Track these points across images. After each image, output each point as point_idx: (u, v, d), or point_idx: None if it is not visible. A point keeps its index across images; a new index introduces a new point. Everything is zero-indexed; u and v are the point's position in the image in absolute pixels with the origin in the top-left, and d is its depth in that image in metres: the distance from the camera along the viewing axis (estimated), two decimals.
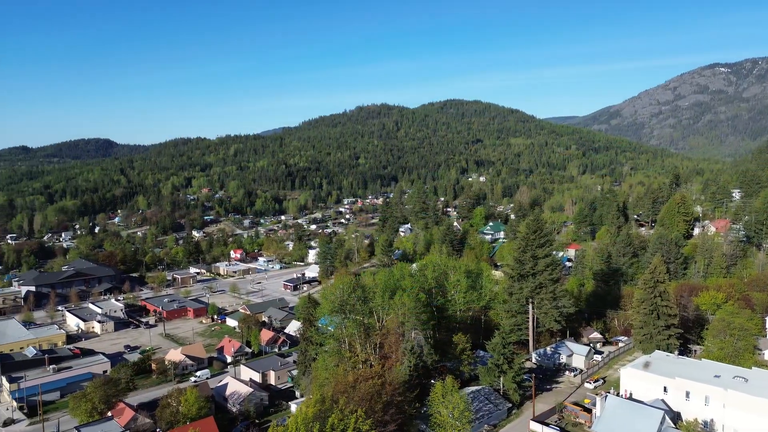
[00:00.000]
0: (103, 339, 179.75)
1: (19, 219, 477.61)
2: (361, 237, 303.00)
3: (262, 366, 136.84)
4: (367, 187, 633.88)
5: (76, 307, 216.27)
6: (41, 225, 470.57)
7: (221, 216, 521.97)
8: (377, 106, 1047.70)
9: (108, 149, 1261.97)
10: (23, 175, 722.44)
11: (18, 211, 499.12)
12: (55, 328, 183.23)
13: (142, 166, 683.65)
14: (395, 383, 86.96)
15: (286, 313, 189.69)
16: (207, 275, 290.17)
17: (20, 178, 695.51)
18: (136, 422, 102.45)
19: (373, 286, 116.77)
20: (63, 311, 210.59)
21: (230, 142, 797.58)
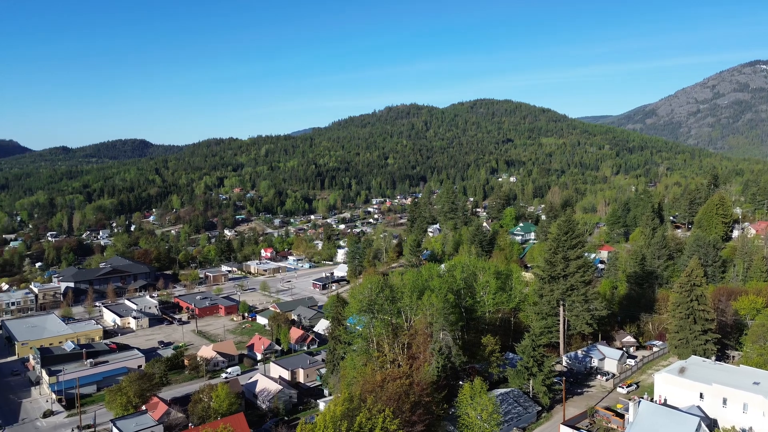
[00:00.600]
0: (138, 335, 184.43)
1: (59, 217, 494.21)
2: (390, 237, 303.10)
3: (291, 364, 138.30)
4: (396, 187, 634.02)
5: (112, 303, 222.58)
6: (80, 223, 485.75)
7: (252, 215, 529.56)
8: (406, 106, 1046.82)
9: (144, 149, 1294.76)
10: (63, 174, 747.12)
11: (58, 210, 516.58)
12: (93, 324, 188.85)
13: (176, 166, 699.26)
14: (423, 383, 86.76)
15: (315, 312, 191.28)
16: (238, 273, 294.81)
17: (60, 177, 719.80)
18: (169, 416, 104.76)
19: (401, 286, 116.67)
20: (100, 307, 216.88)
21: (261, 142, 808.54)
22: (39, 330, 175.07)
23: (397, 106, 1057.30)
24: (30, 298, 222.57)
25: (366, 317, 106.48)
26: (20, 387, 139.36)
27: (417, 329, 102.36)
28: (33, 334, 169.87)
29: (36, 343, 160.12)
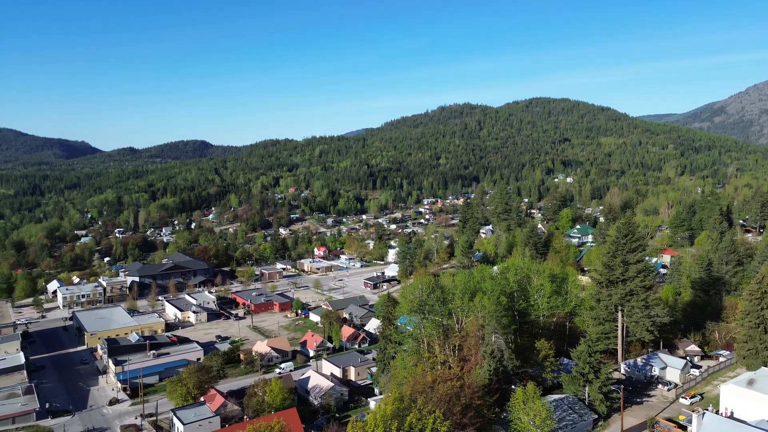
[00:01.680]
0: (197, 328, 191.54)
1: (125, 215, 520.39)
2: (441, 237, 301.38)
3: (342, 361, 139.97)
4: (448, 187, 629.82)
5: (173, 297, 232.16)
6: (145, 220, 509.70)
7: (306, 214, 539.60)
8: (460, 106, 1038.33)
9: (204, 150, 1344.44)
10: (130, 174, 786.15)
11: (125, 208, 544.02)
12: (156, 317, 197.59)
13: (235, 166, 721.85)
14: (474, 386, 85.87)
15: (366, 311, 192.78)
16: (292, 271, 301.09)
17: (127, 176, 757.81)
18: (226, 408, 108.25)
19: (452, 287, 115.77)
20: (162, 301, 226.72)
21: (315, 143, 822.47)
22: (106, 321, 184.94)
23: (450, 106, 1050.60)
24: (99, 291, 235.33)
25: (417, 317, 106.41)
26: (89, 375, 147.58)
27: (468, 331, 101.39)
28: (101, 326, 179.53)
29: (104, 334, 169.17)
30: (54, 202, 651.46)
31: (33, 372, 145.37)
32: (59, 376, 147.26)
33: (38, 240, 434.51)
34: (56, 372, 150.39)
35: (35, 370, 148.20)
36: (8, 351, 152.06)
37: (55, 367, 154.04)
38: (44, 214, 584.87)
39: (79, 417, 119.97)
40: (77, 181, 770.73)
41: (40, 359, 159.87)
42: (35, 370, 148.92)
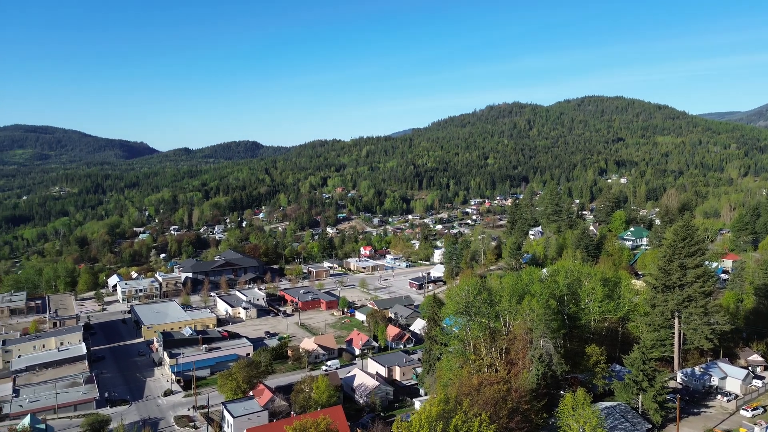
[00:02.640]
0: (247, 324, 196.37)
1: (180, 213, 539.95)
2: (488, 239, 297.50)
3: (388, 361, 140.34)
4: (496, 187, 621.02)
5: (225, 293, 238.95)
6: (198, 218, 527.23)
7: (353, 214, 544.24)
8: (509, 105, 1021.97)
9: (255, 151, 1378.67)
10: (185, 173, 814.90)
11: (180, 206, 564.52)
12: (208, 312, 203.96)
13: (284, 166, 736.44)
14: (521, 390, 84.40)
15: (411, 311, 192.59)
16: (339, 270, 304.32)
17: (182, 176, 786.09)
18: (273, 403, 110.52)
19: (499, 289, 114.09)
20: (214, 297, 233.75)
21: (363, 143, 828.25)
22: (162, 315, 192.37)
23: (498, 105, 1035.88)
24: (155, 286, 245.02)
25: (463, 319, 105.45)
26: (145, 367, 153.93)
27: (516, 334, 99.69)
28: (157, 319, 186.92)
29: (159, 328, 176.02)
30: (115, 200, 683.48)
31: (94, 362, 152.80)
32: (118, 366, 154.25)
33: (100, 236, 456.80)
34: (115, 363, 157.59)
35: (96, 361, 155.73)
36: (71, 342, 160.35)
37: (114, 358, 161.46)
38: (105, 212, 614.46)
39: (135, 406, 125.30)
40: (136, 180, 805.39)
41: (101, 350, 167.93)
42: (96, 360, 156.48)
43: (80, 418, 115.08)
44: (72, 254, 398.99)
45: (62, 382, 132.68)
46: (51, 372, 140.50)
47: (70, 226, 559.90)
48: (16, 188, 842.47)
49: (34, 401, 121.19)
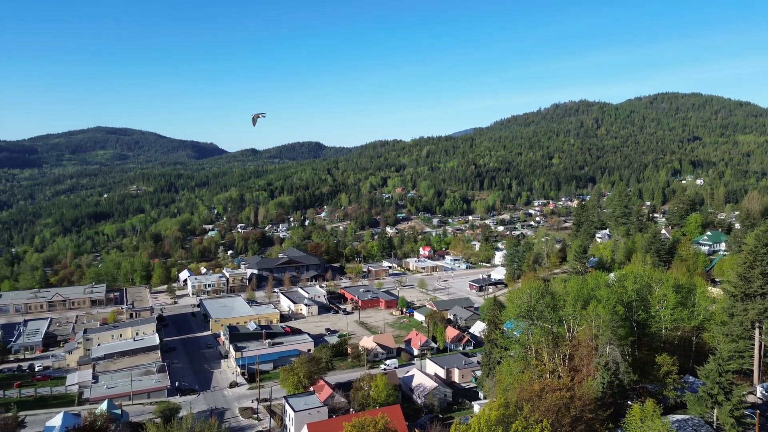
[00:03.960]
0: (308, 321, 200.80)
1: (247, 211, 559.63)
2: (552, 241, 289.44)
3: (447, 362, 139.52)
4: (561, 188, 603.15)
5: (287, 290, 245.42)
6: (264, 217, 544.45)
7: (412, 214, 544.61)
8: (575, 103, 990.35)
9: (318, 151, 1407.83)
10: (251, 173, 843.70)
11: (247, 205, 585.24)
12: (271, 308, 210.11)
13: (346, 166, 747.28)
14: (586, 399, 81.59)
15: (471, 313, 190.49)
16: (398, 269, 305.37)
17: (249, 176, 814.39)
18: (333, 400, 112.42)
19: (563, 293, 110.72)
20: (278, 293, 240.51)
21: (423, 143, 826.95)
22: (228, 310, 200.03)
23: (564, 104, 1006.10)
24: (222, 281, 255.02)
25: (524, 323, 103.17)
26: (213, 359, 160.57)
27: (580, 340, 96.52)
28: (224, 313, 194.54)
29: (226, 321, 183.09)
30: (186, 198, 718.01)
31: (165, 352, 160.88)
32: (187, 357, 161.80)
33: (172, 233, 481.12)
34: (185, 354, 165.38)
35: (167, 351, 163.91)
36: (146, 332, 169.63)
37: (184, 349, 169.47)
38: (178, 210, 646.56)
39: (203, 396, 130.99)
40: (206, 180, 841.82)
41: (172, 341, 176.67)
42: (167, 350, 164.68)
43: (153, 405, 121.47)
44: (147, 249, 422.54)
45: (137, 370, 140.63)
46: (127, 360, 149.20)
47: (145, 222, 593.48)
48: (98, 186, 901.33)
49: (111, 387, 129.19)
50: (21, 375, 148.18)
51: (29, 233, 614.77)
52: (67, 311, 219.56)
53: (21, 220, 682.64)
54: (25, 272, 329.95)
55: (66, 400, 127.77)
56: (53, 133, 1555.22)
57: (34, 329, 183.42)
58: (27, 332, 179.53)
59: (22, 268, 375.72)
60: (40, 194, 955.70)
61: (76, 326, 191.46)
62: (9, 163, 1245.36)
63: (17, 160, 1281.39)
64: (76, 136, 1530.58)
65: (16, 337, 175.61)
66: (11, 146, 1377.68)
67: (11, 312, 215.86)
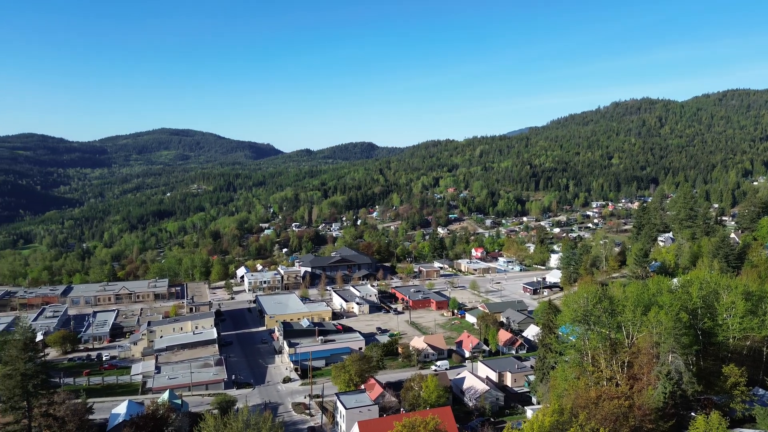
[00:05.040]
0: (360, 319, 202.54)
1: (301, 210, 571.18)
2: (611, 244, 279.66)
3: (499, 366, 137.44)
4: (620, 189, 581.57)
5: (340, 288, 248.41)
6: (317, 216, 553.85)
7: (464, 214, 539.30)
8: (637, 101, 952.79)
9: (370, 151, 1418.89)
10: (306, 173, 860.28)
11: (301, 204, 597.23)
12: (324, 305, 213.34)
13: (398, 166, 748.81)
14: (645, 408, 78.50)
15: (524, 317, 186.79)
16: (449, 270, 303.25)
17: (304, 176, 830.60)
18: (384, 398, 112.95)
19: (622, 298, 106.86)
20: (330, 291, 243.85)
21: (476, 143, 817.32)
22: (283, 306, 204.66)
23: (625, 102, 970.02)
24: (277, 278, 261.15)
25: (580, 328, 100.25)
26: (267, 354, 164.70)
27: (640, 348, 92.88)
28: (278, 310, 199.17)
29: (280, 318, 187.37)
30: (243, 197, 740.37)
31: (223, 346, 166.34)
32: (243, 352, 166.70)
33: (230, 231, 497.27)
34: (241, 348, 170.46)
35: (225, 345, 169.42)
36: (204, 326, 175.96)
37: (239, 344, 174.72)
38: (236, 208, 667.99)
39: (258, 390, 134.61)
40: (263, 180, 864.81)
41: (229, 336, 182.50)
42: (225, 344, 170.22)
43: (210, 396, 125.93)
44: (206, 246, 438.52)
45: (196, 362, 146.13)
46: (187, 353, 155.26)
47: (205, 220, 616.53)
48: (162, 185, 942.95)
49: (172, 378, 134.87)
50: (90, 364, 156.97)
51: (99, 229, 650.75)
52: (133, 304, 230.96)
53: (92, 217, 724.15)
54: (95, 266, 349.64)
55: (130, 388, 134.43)
56: (121, 135, 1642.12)
57: (102, 320, 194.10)
58: (96, 323, 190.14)
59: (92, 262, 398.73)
60: (109, 192, 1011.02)
61: (141, 319, 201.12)
62: (81, 162, 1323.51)
63: (89, 160, 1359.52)
64: (143, 137, 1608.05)
65: (86, 327, 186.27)
66: (83, 147, 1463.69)
67: (81, 304, 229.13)
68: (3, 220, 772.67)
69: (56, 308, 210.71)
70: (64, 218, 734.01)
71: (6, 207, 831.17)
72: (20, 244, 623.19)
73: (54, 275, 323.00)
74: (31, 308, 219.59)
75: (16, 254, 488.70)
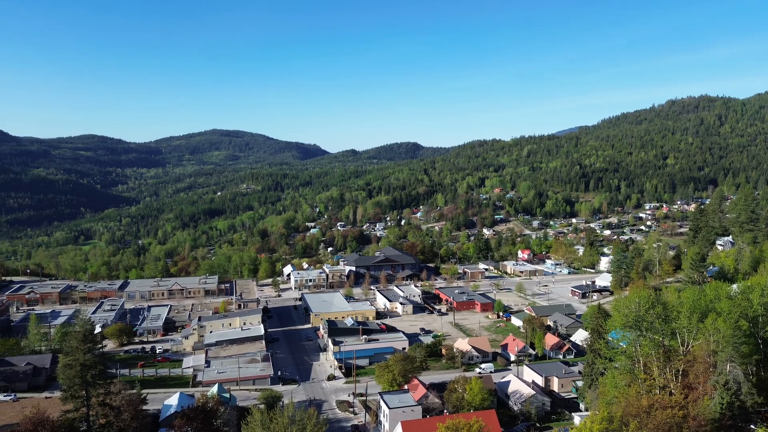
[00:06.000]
0: (403, 319, 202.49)
1: (346, 210, 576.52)
2: (665, 247, 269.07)
3: (545, 370, 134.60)
4: (676, 191, 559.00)
5: (383, 288, 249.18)
6: (362, 216, 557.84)
7: (511, 215, 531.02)
8: (694, 99, 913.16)
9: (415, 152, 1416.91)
10: (351, 173, 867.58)
11: (346, 204, 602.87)
12: (368, 304, 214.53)
13: (442, 166, 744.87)
14: (701, 419, 75.16)
15: (572, 321, 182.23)
16: (494, 272, 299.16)
17: (349, 176, 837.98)
18: (427, 399, 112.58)
19: (677, 304, 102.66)
20: (374, 290, 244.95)
21: (524, 143, 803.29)
22: (327, 305, 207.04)
23: (681, 99, 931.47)
24: (322, 277, 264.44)
25: (632, 334, 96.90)
26: (312, 351, 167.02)
27: (696, 356, 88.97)
28: (323, 308, 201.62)
29: (325, 316, 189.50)
30: (290, 197, 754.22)
31: (269, 343, 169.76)
32: (289, 348, 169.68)
33: (278, 229, 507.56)
34: (286, 344, 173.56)
35: (271, 341, 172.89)
36: (252, 322, 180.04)
37: (285, 341, 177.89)
38: (283, 208, 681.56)
39: (303, 387, 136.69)
40: (309, 180, 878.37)
41: (275, 332, 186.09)
42: (271, 341, 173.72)
43: (257, 391, 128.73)
44: (255, 244, 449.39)
45: (244, 358, 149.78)
46: (235, 348, 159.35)
47: (254, 219, 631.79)
48: (213, 185, 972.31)
49: (221, 372, 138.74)
50: (144, 356, 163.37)
51: (153, 227, 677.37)
52: (184, 299, 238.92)
53: (147, 215, 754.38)
54: (150, 262, 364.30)
55: (182, 381, 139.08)
56: (175, 136, 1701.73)
57: (156, 315, 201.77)
58: (150, 317, 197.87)
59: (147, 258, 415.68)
60: (164, 191, 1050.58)
61: (192, 314, 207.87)
62: (138, 163, 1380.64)
63: (145, 160, 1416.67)
64: (195, 138, 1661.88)
65: (141, 321, 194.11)
66: (140, 148, 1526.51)
67: (137, 298, 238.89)
68: (66, 218, 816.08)
69: (114, 302, 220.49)
70: (122, 216, 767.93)
71: (68, 205, 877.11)
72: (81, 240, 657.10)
73: (112, 270, 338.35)
74: (91, 302, 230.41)
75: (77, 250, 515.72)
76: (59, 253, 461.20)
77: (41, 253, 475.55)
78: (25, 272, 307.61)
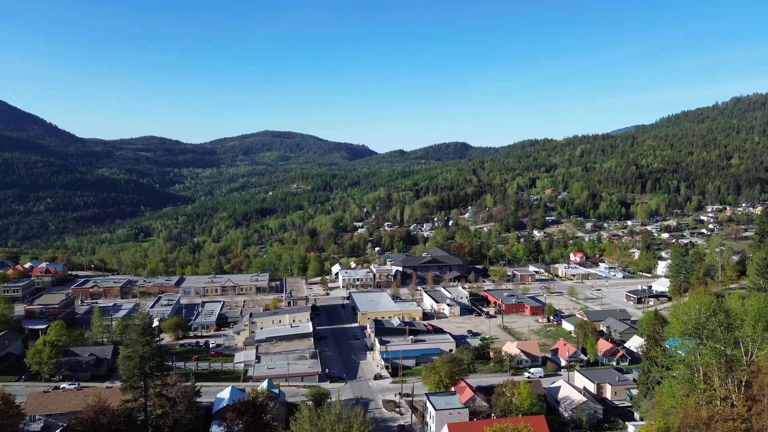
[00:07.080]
0: (450, 321, 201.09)
1: (393, 210, 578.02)
2: (728, 252, 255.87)
3: (598, 377, 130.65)
4: (741, 192, 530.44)
5: (430, 289, 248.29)
6: (409, 216, 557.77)
7: (563, 217, 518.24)
8: (761, 96, 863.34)
9: (464, 152, 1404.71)
10: (399, 174, 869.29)
11: (394, 204, 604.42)
12: (414, 305, 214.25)
13: (492, 167, 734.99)
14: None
15: (627, 327, 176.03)
16: (545, 275, 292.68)
17: (397, 176, 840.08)
18: (474, 402, 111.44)
19: (740, 312, 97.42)
20: (421, 291, 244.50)
21: (577, 142, 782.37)
22: (374, 304, 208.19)
23: (748, 96, 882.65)
24: (370, 276, 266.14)
25: (691, 342, 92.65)
26: (359, 350, 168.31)
27: (761, 367, 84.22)
28: (370, 307, 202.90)
29: (372, 315, 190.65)
30: (339, 197, 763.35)
31: (317, 340, 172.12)
32: (336, 346, 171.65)
33: (326, 229, 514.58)
34: (334, 342, 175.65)
35: (319, 339, 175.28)
36: (301, 320, 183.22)
37: (333, 339, 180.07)
38: (332, 207, 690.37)
39: (350, 385, 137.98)
40: (357, 180, 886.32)
41: (323, 330, 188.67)
42: (319, 338, 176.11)
43: (305, 388, 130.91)
44: (304, 243, 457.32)
45: (293, 354, 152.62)
46: (284, 344, 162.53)
47: (303, 218, 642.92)
48: (264, 185, 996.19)
49: (271, 368, 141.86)
50: (198, 350, 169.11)
51: (208, 225, 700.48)
52: (236, 296, 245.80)
53: (202, 213, 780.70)
54: (204, 259, 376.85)
55: (233, 375, 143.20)
56: (229, 137, 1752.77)
57: (209, 310, 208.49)
58: (204, 313, 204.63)
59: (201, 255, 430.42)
60: (218, 191, 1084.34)
61: (243, 310, 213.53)
62: (194, 163, 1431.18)
63: (200, 160, 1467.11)
64: (248, 139, 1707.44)
65: (196, 316, 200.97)
66: (196, 149, 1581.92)
67: (192, 294, 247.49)
68: (127, 215, 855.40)
69: (170, 297, 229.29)
70: (178, 214, 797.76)
71: (129, 203, 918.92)
72: (141, 237, 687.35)
73: (169, 266, 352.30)
74: (149, 296, 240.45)
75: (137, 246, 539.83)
76: (121, 250, 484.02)
77: (104, 249, 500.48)
78: (90, 267, 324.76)
